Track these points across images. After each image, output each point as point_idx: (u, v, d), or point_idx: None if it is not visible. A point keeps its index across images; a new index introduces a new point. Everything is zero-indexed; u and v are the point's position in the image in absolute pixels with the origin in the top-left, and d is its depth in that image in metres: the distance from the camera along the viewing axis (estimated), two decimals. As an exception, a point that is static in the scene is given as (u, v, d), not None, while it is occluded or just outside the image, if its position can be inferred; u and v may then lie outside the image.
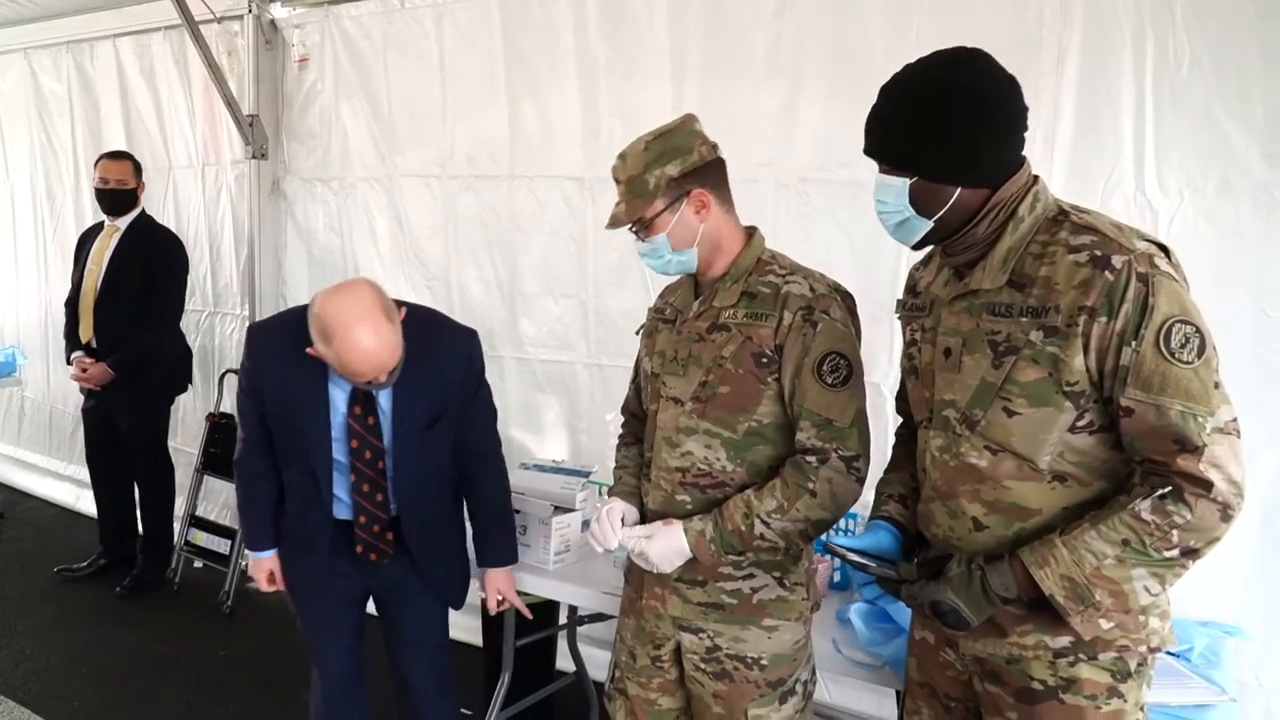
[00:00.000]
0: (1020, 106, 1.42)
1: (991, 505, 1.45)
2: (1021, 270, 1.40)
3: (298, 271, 4.16)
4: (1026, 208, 1.42)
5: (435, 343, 2.13)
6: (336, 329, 1.87)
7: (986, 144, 1.39)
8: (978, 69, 1.39)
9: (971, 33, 2.51)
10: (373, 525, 2.18)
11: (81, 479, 5.09)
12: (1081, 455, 1.39)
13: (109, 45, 4.71)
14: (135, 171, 4.00)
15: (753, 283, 1.75)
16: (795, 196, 2.87)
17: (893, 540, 1.63)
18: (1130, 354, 1.30)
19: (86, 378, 3.90)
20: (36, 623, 3.79)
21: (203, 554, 4.17)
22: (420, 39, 3.61)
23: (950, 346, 1.49)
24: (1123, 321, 1.30)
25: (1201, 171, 2.30)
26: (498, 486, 2.32)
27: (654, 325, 1.92)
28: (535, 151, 3.39)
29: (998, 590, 1.40)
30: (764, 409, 1.72)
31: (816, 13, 2.79)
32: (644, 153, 1.73)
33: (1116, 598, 1.35)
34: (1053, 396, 1.37)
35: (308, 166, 4.05)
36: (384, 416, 2.10)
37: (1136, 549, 1.31)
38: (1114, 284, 1.31)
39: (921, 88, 1.40)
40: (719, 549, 1.72)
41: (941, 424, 1.51)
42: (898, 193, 1.44)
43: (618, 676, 1.99)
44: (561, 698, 3.13)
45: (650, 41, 3.09)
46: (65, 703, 3.19)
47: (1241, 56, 2.23)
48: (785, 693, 1.79)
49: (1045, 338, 1.36)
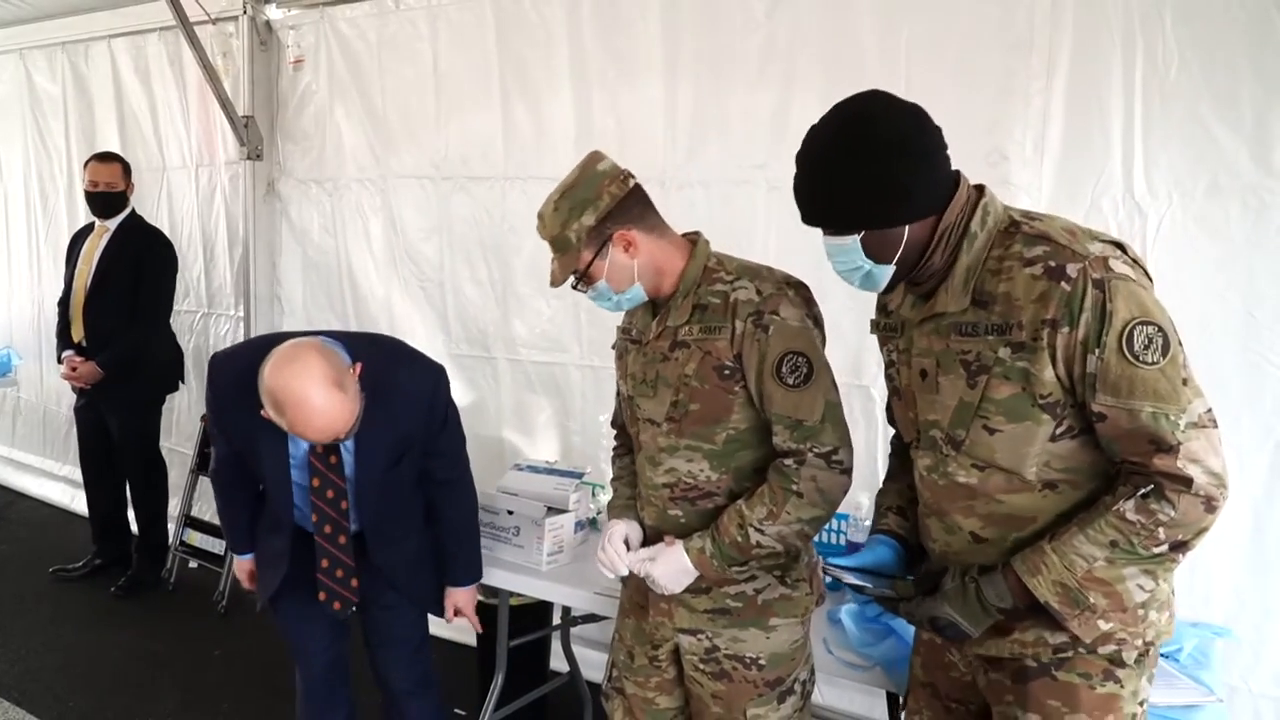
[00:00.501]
0: (930, 130, 1.42)
1: (987, 519, 1.46)
2: (982, 288, 1.41)
3: (292, 272, 4.16)
4: (978, 223, 1.43)
5: (393, 388, 2.06)
6: (286, 404, 1.84)
7: (913, 178, 1.40)
8: (878, 113, 1.41)
9: (962, 36, 2.57)
10: (335, 570, 2.15)
11: (76, 479, 5.07)
12: (1067, 461, 1.40)
13: (104, 46, 4.70)
14: (125, 173, 4.01)
15: (703, 294, 1.74)
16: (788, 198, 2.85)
17: (892, 555, 1.63)
18: (1095, 361, 1.32)
19: (76, 376, 3.91)
20: (32, 623, 3.80)
21: (197, 554, 4.18)
22: (414, 40, 3.62)
23: (925, 368, 1.50)
24: (1084, 330, 1.32)
25: (1190, 174, 2.31)
26: (464, 509, 2.31)
27: (624, 346, 1.92)
28: (529, 153, 3.39)
29: (993, 601, 1.41)
30: (737, 416, 1.72)
31: (808, 15, 2.80)
32: (555, 213, 1.72)
33: (1111, 598, 1.36)
34: (1029, 410, 1.38)
35: (302, 167, 4.06)
36: (347, 455, 2.08)
37: (1125, 549, 1.33)
38: (1071, 294, 1.32)
39: (834, 152, 1.42)
40: (721, 563, 1.73)
41: (929, 444, 1.52)
42: (851, 251, 1.44)
43: (615, 676, 2.00)
44: (555, 698, 3.14)
45: (644, 44, 3.09)
46: (60, 702, 3.20)
47: (1230, 60, 2.24)
48: (784, 692, 1.80)
49: (1013, 354, 1.37)
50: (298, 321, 4.16)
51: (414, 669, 2.37)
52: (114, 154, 4.14)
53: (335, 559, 2.15)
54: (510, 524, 2.51)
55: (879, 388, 2.74)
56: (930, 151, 1.42)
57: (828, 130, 1.45)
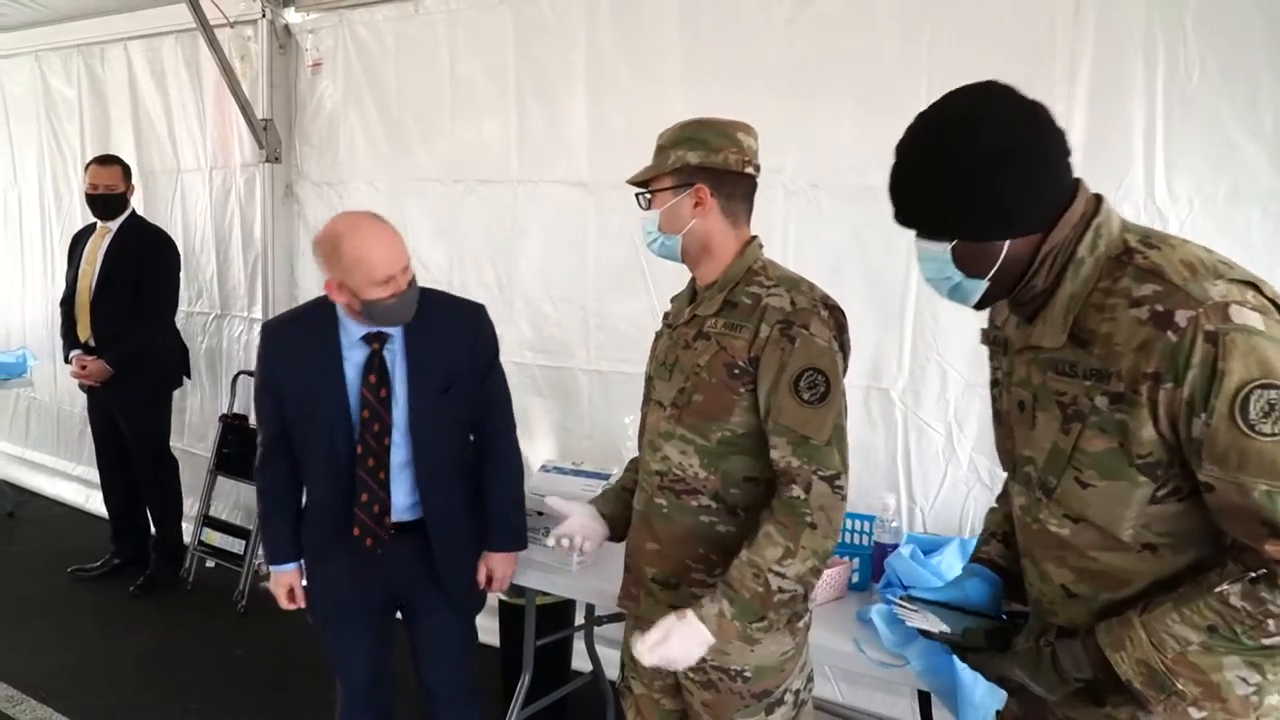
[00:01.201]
0: (1047, 137, 1.25)
1: (1080, 573, 1.30)
2: (1084, 324, 1.23)
3: (309, 274, 4.18)
4: (1086, 247, 1.24)
5: (440, 306, 2.18)
6: (344, 234, 1.97)
7: (1018, 191, 1.22)
8: (994, 113, 1.24)
9: (984, 42, 2.60)
10: (373, 505, 2.15)
11: (90, 479, 5.12)
12: (1170, 524, 1.21)
13: (120, 49, 4.73)
14: (124, 175, 4.06)
15: (737, 293, 1.75)
16: (806, 202, 2.90)
17: (987, 590, 1.48)
18: (1201, 426, 1.12)
19: (86, 374, 3.95)
20: (53, 622, 3.83)
21: (217, 554, 4.20)
22: (433, 44, 3.64)
23: (1024, 400, 1.34)
24: (1189, 390, 1.12)
25: (1211, 180, 2.34)
26: (511, 468, 2.32)
27: (662, 329, 1.95)
28: (540, 157, 3.42)
29: (1070, 670, 1.26)
30: (736, 419, 1.71)
31: (828, 21, 2.82)
32: (680, 130, 1.77)
33: (1205, 688, 1.17)
34: (1124, 470, 1.20)
35: (319, 169, 4.08)
36: (397, 389, 2.12)
37: (1226, 636, 1.14)
38: (1177, 346, 1.12)
39: (937, 152, 1.26)
40: (744, 623, 1.66)
41: (1024, 480, 1.36)
42: (941, 260, 1.30)
43: (626, 675, 2.03)
44: (577, 698, 3.17)
45: (662, 49, 3.12)
46: (85, 701, 3.23)
47: (1251, 66, 2.27)
48: (772, 703, 1.78)
49: (1110, 404, 1.19)
50: (315, 323, 4.18)
51: (457, 677, 2.36)
52: (114, 156, 4.18)
53: (374, 494, 2.15)
54: (540, 525, 2.53)
55: (899, 390, 2.78)
56: (1043, 162, 1.24)
57: (930, 124, 1.28)
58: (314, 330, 2.11)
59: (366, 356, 2.11)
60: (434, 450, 2.18)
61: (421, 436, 2.15)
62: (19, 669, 3.41)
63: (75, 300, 4.04)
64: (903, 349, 2.74)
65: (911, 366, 2.74)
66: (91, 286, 3.98)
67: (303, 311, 2.26)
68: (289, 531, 2.28)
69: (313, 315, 2.16)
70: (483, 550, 2.31)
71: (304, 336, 2.12)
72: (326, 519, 2.20)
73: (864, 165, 2.80)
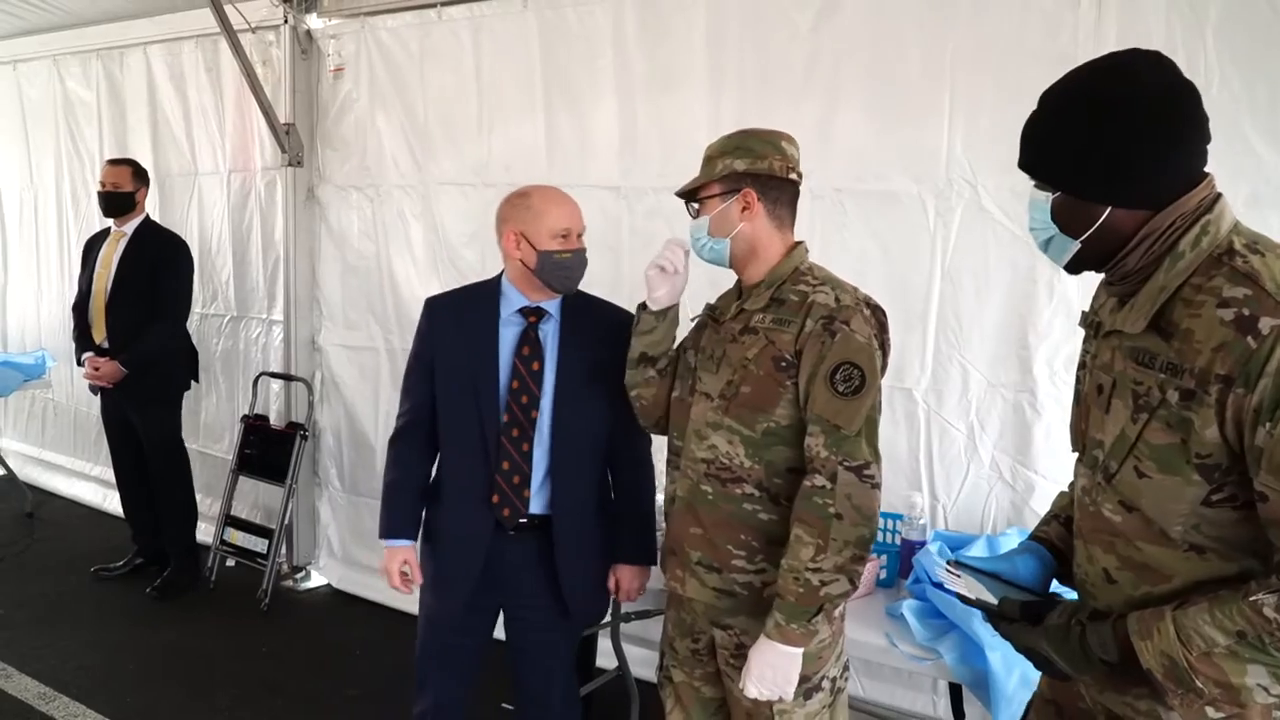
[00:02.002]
0: (1188, 120, 1.25)
1: (1124, 561, 1.32)
2: (1169, 316, 1.23)
3: (331, 276, 4.23)
4: (1189, 242, 1.23)
5: (599, 308, 2.29)
6: (534, 190, 2.21)
7: (1141, 160, 1.23)
8: (1140, 77, 1.24)
9: (1006, 51, 2.66)
10: (514, 475, 2.17)
11: (107, 479, 5.15)
12: (1221, 529, 1.22)
13: (139, 53, 4.78)
14: (134, 176, 4.10)
15: (784, 291, 1.84)
16: (831, 207, 2.96)
17: (1036, 567, 1.51)
18: (1265, 436, 1.13)
19: (99, 376, 4.00)
20: (80, 620, 3.87)
21: (239, 553, 4.25)
22: (457, 50, 3.69)
23: (1103, 384, 1.36)
24: (1259, 397, 1.13)
25: (1230, 185, 2.32)
26: (643, 481, 2.33)
27: (704, 320, 2.02)
28: (571, 161, 3.47)
29: (1096, 650, 1.28)
30: (781, 411, 1.79)
31: (853, 29, 2.88)
32: (727, 140, 1.89)
33: (1225, 690, 1.18)
34: (1182, 466, 1.21)
35: (342, 173, 4.13)
36: (548, 367, 2.18)
37: (1253, 644, 1.15)
38: (1255, 352, 1.13)
39: (1072, 98, 1.28)
40: (797, 621, 1.73)
41: (1090, 463, 1.39)
42: (1042, 209, 1.33)
43: (665, 665, 2.09)
44: (601, 695, 3.22)
45: (688, 56, 3.18)
46: (118, 698, 3.27)
47: (1271, 75, 2.33)
48: (810, 689, 1.85)
49: (1180, 400, 1.20)
50: (337, 324, 4.24)
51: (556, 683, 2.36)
52: (127, 159, 4.24)
53: (515, 464, 2.17)
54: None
55: (921, 390, 2.84)
56: (1174, 140, 1.24)
57: (1084, 72, 1.29)
58: (476, 303, 2.24)
59: (523, 329, 2.21)
60: (572, 440, 2.20)
61: (562, 420, 2.18)
62: (49, 666, 3.45)
63: (90, 303, 4.09)
64: (925, 350, 2.81)
65: (934, 367, 2.81)
66: (107, 290, 4.04)
67: (468, 287, 2.38)
68: (411, 507, 2.29)
69: (477, 290, 2.31)
70: (607, 563, 2.30)
71: (466, 309, 2.25)
72: (466, 491, 2.21)
73: (887, 171, 2.87)
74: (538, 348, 2.19)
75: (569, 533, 2.21)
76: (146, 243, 4.10)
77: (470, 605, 2.26)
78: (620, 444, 2.27)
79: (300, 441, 4.17)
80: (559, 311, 2.23)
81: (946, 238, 2.77)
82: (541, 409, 2.17)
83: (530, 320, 2.21)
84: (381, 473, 2.41)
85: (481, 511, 2.18)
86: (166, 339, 4.08)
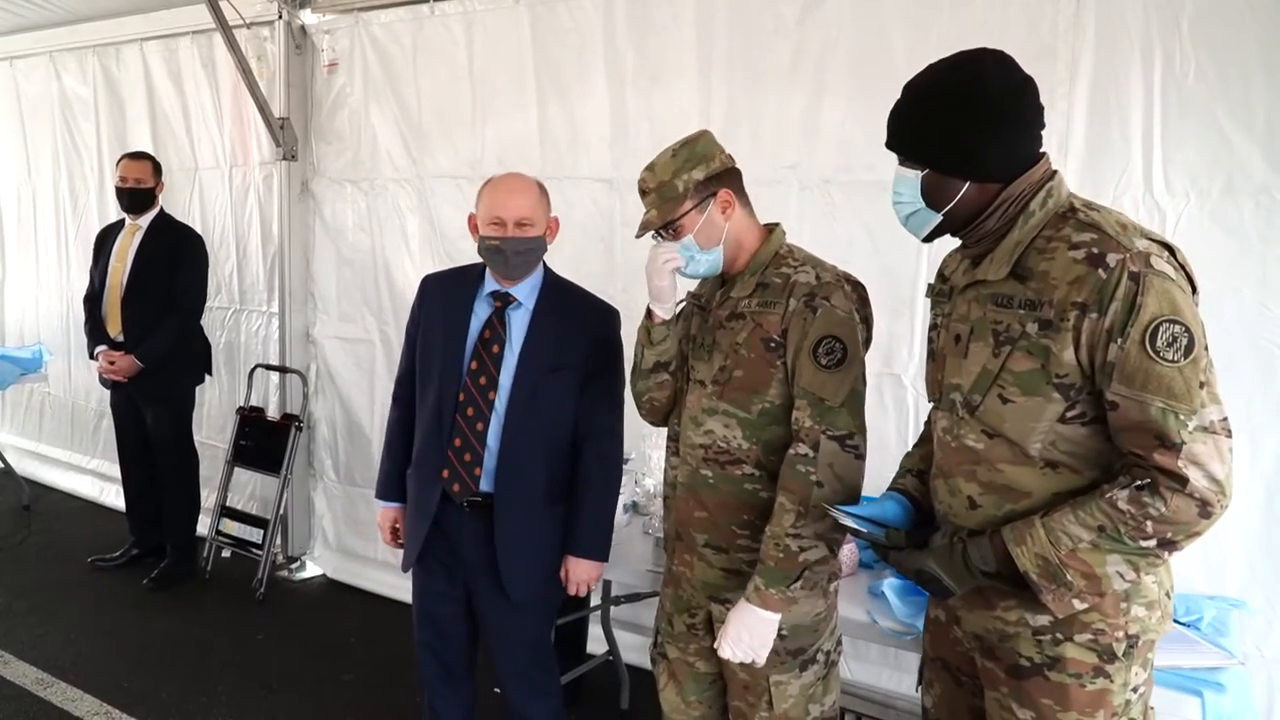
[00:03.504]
0: (1032, 107, 1.50)
1: (986, 486, 1.52)
2: (1025, 263, 1.47)
3: (326, 269, 4.28)
4: (1038, 203, 1.49)
5: (577, 301, 2.33)
6: (492, 177, 2.29)
7: (992, 143, 1.47)
8: (987, 71, 1.48)
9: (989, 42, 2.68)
10: (465, 453, 2.23)
11: (104, 473, 5.23)
12: (1073, 445, 1.44)
13: (136, 49, 4.81)
14: (154, 171, 4.13)
15: (768, 275, 1.89)
16: (819, 197, 3.01)
17: (900, 511, 1.72)
18: (1116, 350, 1.35)
19: (114, 370, 4.02)
20: (78, 609, 3.91)
21: (235, 543, 4.28)
22: (450, 45, 3.74)
23: (960, 333, 1.57)
24: (1111, 318, 1.35)
25: (1207, 174, 2.45)
26: (601, 476, 2.30)
27: (690, 309, 2.07)
28: (563, 153, 3.52)
29: (976, 563, 1.47)
30: (774, 391, 1.85)
31: (839, 20, 2.93)
32: (672, 160, 1.89)
33: (1090, 580, 1.39)
34: (1042, 387, 1.43)
35: (337, 167, 4.17)
36: (510, 352, 2.24)
37: (1112, 536, 1.36)
38: (1106, 282, 1.36)
39: (934, 88, 1.51)
40: (776, 586, 1.79)
41: (948, 406, 1.59)
42: (911, 185, 1.54)
43: (659, 642, 2.14)
44: (591, 679, 3.27)
45: (677, 48, 3.23)
46: (116, 683, 3.31)
47: (1245, 66, 2.37)
48: (805, 661, 1.90)
49: (1040, 330, 1.42)
50: (331, 316, 4.28)
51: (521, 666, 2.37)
52: (145, 153, 4.27)
53: (468, 442, 2.23)
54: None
55: (909, 375, 2.89)
56: (1018, 124, 1.49)
57: (941, 66, 1.52)
58: (461, 284, 2.32)
59: (490, 312, 2.27)
60: (526, 426, 2.23)
61: (517, 405, 2.22)
62: (47, 653, 3.49)
63: (105, 296, 4.10)
64: (914, 336, 2.86)
65: (922, 355, 2.83)
66: (122, 283, 4.05)
67: (461, 267, 2.46)
68: (395, 472, 2.42)
69: (467, 271, 2.39)
70: (561, 555, 2.31)
71: (452, 288, 2.33)
72: (424, 463, 2.29)
73: (874, 161, 2.89)
74: (498, 332, 2.24)
75: (512, 516, 2.24)
76: (163, 236, 4.11)
77: (440, 574, 2.34)
78: (586, 437, 2.28)
79: (295, 433, 4.21)
80: (535, 299, 2.29)
81: (932, 227, 2.81)
82: (500, 391, 2.22)
83: (497, 304, 2.27)
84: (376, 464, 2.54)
85: (433, 483, 2.26)
86: (182, 333, 4.11)
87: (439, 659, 2.43)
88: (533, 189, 2.26)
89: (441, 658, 2.43)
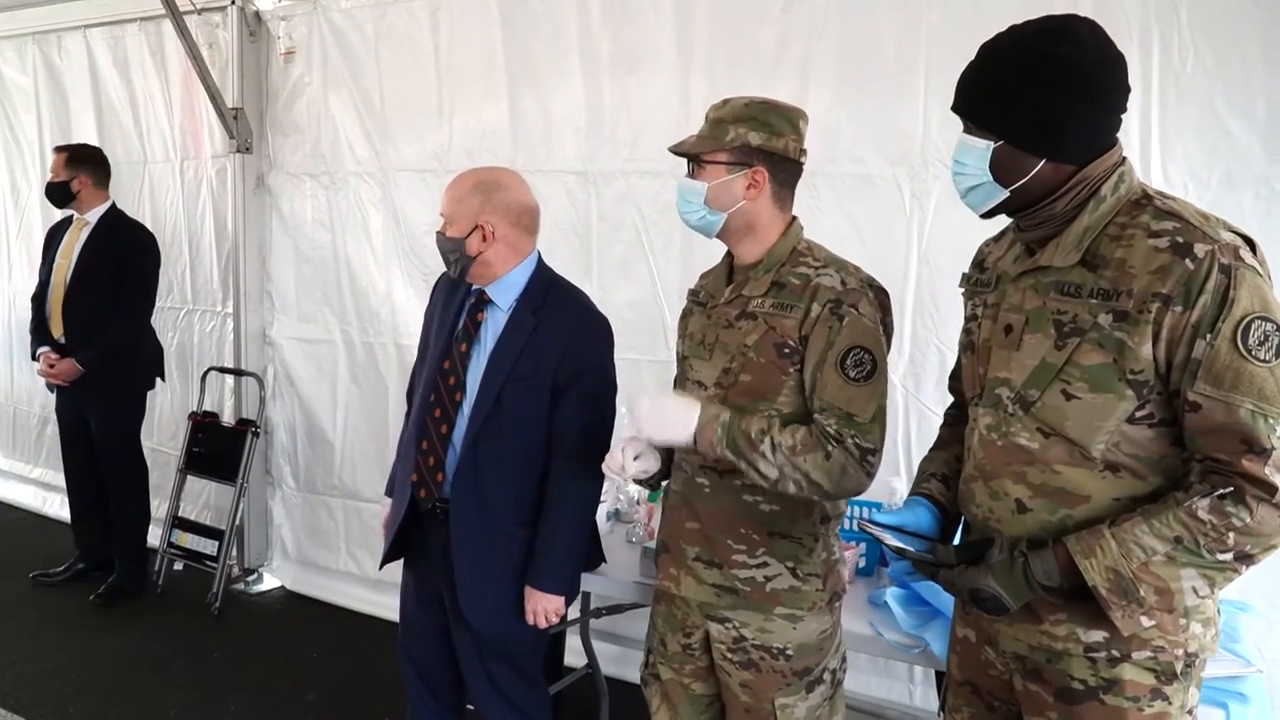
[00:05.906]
0: (1120, 86, 1.38)
1: (1038, 489, 1.41)
2: (1096, 250, 1.36)
3: (284, 267, 4.09)
4: (1110, 188, 1.37)
5: (558, 308, 2.16)
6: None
7: (1077, 120, 1.35)
8: (1081, 42, 1.35)
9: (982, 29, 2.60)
10: (430, 456, 2.15)
11: (47, 482, 5.00)
12: (1138, 448, 1.35)
13: (79, 36, 4.58)
14: (69, 164, 3.87)
15: (784, 273, 1.75)
16: (804, 190, 2.85)
17: (930, 517, 1.60)
18: (1204, 347, 1.26)
19: (54, 374, 3.81)
20: (17, 629, 3.68)
21: (188, 555, 4.08)
22: (414, 32, 3.59)
23: (1012, 323, 1.45)
24: (1199, 312, 1.26)
25: (1205, 165, 2.40)
26: (565, 502, 2.14)
27: (689, 307, 1.94)
28: (536, 145, 3.39)
29: (1039, 578, 1.35)
30: (784, 399, 1.72)
31: (825, 8, 2.84)
32: (744, 108, 1.74)
33: (1162, 595, 1.30)
34: (1114, 384, 1.33)
35: (295, 160, 3.99)
36: (479, 355, 2.15)
37: (1189, 548, 1.27)
38: (1194, 273, 1.26)
39: (1019, 54, 1.37)
40: (723, 438, 1.67)
41: (993, 402, 1.47)
42: (979, 156, 1.40)
43: (651, 662, 2.01)
44: (569, 693, 3.14)
45: (655, 35, 3.11)
46: (59, 709, 3.11)
47: (1244, 55, 2.33)
48: (812, 681, 1.81)
49: (1114, 322, 1.32)
50: (290, 316, 4.10)
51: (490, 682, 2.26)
52: (66, 145, 4.04)
53: (433, 445, 2.15)
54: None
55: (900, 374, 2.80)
56: (1106, 103, 1.37)
57: (1028, 29, 1.39)
58: (459, 284, 2.24)
59: (467, 313, 2.20)
60: (489, 434, 2.10)
61: (481, 411, 2.10)
62: (-14, 677, 3.29)
63: (48, 295, 3.88)
64: (903, 334, 2.77)
65: (912, 351, 2.77)
66: (66, 281, 3.83)
67: None
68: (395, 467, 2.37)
69: None
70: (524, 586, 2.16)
71: (451, 287, 2.27)
72: (402, 464, 2.26)
73: (861, 154, 2.83)
74: (469, 332, 2.16)
75: (468, 529, 2.12)
76: (111, 233, 3.89)
77: (421, 580, 2.30)
78: (554, 454, 2.13)
79: (251, 439, 4.01)
80: (514, 303, 2.15)
81: (923, 220, 2.74)
82: (467, 395, 2.12)
83: (472, 305, 2.20)
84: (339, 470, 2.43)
85: (404, 485, 2.21)
86: (129, 336, 3.88)
87: (414, 662, 2.37)
88: (460, 186, 2.14)
89: (419, 662, 2.36)
